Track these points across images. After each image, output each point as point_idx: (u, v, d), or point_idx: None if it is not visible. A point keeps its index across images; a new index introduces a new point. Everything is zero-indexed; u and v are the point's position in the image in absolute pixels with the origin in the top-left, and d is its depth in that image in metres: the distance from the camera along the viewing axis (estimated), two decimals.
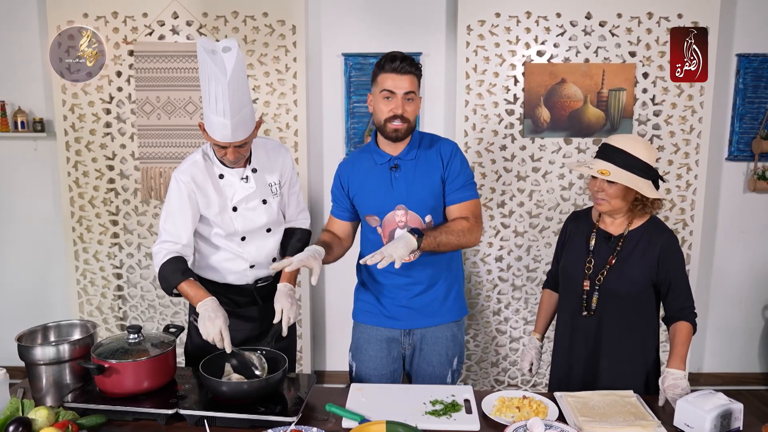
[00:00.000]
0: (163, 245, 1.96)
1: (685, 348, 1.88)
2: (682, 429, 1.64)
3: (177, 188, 1.96)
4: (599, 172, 1.87)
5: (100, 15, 3.29)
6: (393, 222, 2.06)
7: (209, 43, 1.82)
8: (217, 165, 2.01)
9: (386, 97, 1.96)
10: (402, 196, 2.04)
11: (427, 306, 2.11)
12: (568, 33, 3.25)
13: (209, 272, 2.10)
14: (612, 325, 1.96)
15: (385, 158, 2.07)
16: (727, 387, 3.63)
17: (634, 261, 1.93)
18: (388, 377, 2.15)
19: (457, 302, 2.17)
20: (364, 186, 2.09)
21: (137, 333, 1.83)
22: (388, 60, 1.96)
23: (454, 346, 2.15)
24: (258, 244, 2.08)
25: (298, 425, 1.63)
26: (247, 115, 1.88)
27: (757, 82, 3.43)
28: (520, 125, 3.33)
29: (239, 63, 1.81)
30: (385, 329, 2.14)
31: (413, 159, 2.05)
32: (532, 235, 3.42)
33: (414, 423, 1.62)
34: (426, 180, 2.04)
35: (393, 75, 1.95)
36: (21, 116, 3.48)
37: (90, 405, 1.70)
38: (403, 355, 2.18)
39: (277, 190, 2.10)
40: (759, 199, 3.58)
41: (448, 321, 2.14)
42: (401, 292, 2.10)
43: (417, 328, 2.12)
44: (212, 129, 1.86)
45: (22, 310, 3.72)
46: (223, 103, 1.79)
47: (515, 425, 1.61)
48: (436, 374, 2.14)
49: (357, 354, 2.19)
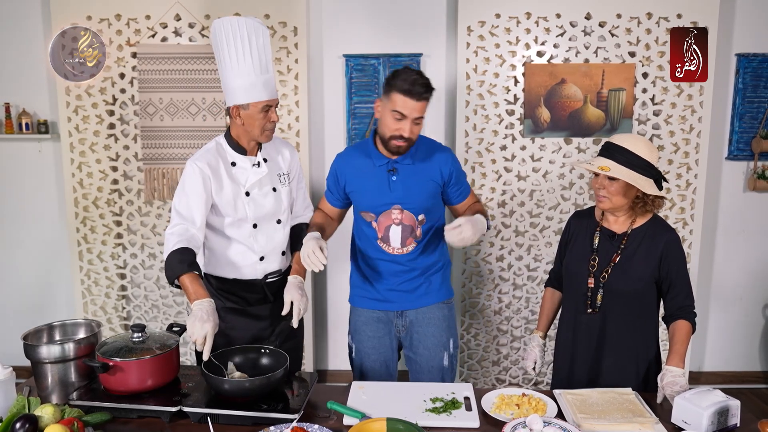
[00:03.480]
0: (174, 229, 1.96)
1: (684, 346, 1.90)
2: (679, 426, 1.66)
3: (191, 173, 2.00)
4: (600, 168, 1.89)
5: (103, 17, 3.31)
6: (389, 219, 2.17)
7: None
8: (230, 153, 2.08)
9: (396, 118, 2.00)
10: (399, 197, 2.14)
11: (416, 288, 2.24)
12: (567, 33, 3.26)
13: (219, 268, 2.13)
14: (616, 322, 1.98)
15: (383, 161, 2.15)
16: (727, 385, 3.64)
17: (637, 259, 1.95)
18: (386, 355, 2.29)
19: (444, 285, 2.31)
20: (361, 185, 2.18)
21: (141, 332, 1.85)
22: (405, 81, 1.96)
23: (447, 327, 2.28)
24: (268, 234, 2.12)
25: (300, 422, 1.64)
26: (273, 79, 2.04)
27: (757, 82, 3.44)
28: (520, 125, 3.34)
29: (262, 26, 1.99)
30: (380, 312, 2.28)
31: (410, 164, 2.14)
32: (533, 235, 3.43)
33: (414, 420, 1.63)
34: (422, 184, 2.15)
35: (407, 99, 1.97)
36: (26, 118, 3.51)
37: (95, 402, 1.72)
38: (398, 337, 2.30)
39: (285, 180, 2.18)
40: (759, 198, 3.59)
41: (436, 301, 2.27)
42: (394, 278, 2.23)
43: (408, 309, 2.25)
44: (256, 92, 1.96)
45: (26, 310, 3.75)
46: (266, 56, 1.98)
47: (514, 422, 1.63)
48: (432, 357, 2.24)
49: (356, 336, 2.33)
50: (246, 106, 1.98)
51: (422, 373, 2.26)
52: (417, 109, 1.99)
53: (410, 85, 1.95)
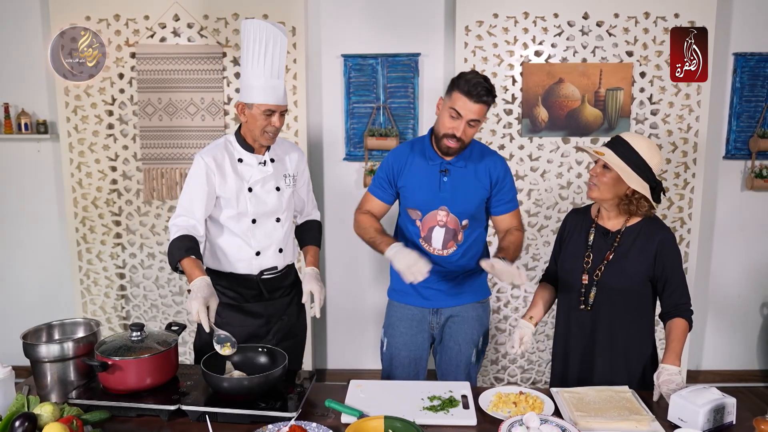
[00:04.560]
0: (176, 220, 2.05)
1: (681, 344, 1.91)
2: (675, 423, 1.67)
3: (197, 167, 2.07)
4: (595, 152, 1.94)
5: (102, 18, 3.32)
6: (434, 220, 2.20)
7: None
8: (238, 149, 2.13)
9: (452, 116, 2.04)
10: (447, 198, 2.17)
11: (453, 288, 2.26)
12: (565, 33, 3.27)
13: (216, 260, 2.17)
14: (608, 319, 1.99)
15: (436, 160, 2.18)
16: (725, 384, 3.64)
17: (631, 257, 1.96)
18: (417, 353, 2.31)
19: (481, 286, 2.34)
20: (412, 181, 2.22)
21: (140, 331, 1.86)
22: (468, 82, 2.00)
23: (479, 326, 2.31)
24: (266, 230, 2.16)
25: (298, 421, 1.65)
26: (283, 86, 2.07)
27: (754, 81, 3.45)
28: (518, 125, 3.35)
29: (281, 35, 2.04)
30: (415, 308, 2.30)
31: (463, 167, 2.18)
32: (531, 234, 3.44)
33: (412, 418, 1.64)
34: (471, 189, 2.18)
35: (466, 99, 2.00)
36: (25, 118, 3.51)
37: (94, 401, 1.73)
38: (431, 334, 2.33)
39: (290, 182, 2.21)
40: (756, 197, 3.60)
41: (472, 301, 2.29)
42: (431, 276, 2.17)
43: (445, 307, 2.28)
44: (266, 94, 2.01)
45: (26, 309, 3.76)
46: (279, 64, 2.02)
47: (511, 420, 1.64)
48: (462, 351, 2.28)
49: (389, 330, 2.35)
50: (250, 105, 2.04)
51: (450, 366, 2.30)
52: (474, 111, 2.02)
53: (471, 86, 1.99)
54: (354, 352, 3.80)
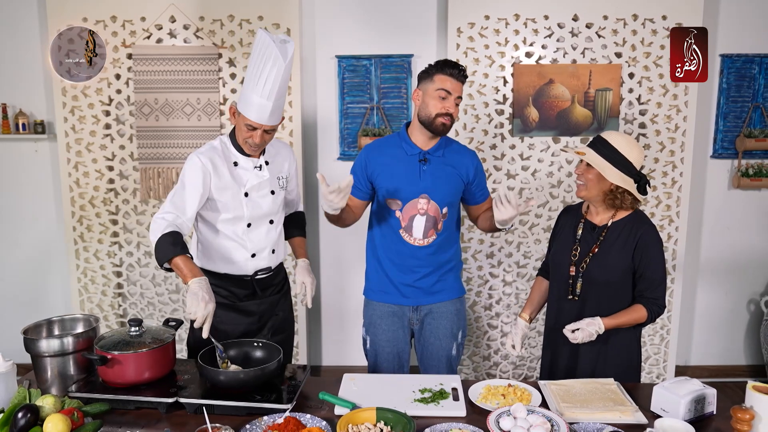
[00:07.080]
0: (165, 215, 2.00)
1: (623, 319, 2.01)
2: (658, 413, 1.73)
3: (192, 166, 2.05)
4: (576, 152, 2.04)
5: (99, 19, 3.36)
6: (414, 208, 2.27)
7: (271, 34, 2.02)
8: (233, 153, 2.14)
9: (442, 97, 2.17)
10: (428, 186, 2.25)
11: (432, 286, 2.35)
12: (555, 35, 3.32)
13: (211, 262, 2.18)
14: (593, 309, 2.06)
15: (415, 150, 2.27)
16: (713, 379, 3.70)
17: (614, 250, 2.04)
18: (399, 347, 2.38)
19: (457, 283, 2.43)
20: (390, 172, 2.28)
21: (138, 326, 1.89)
22: (448, 65, 2.18)
23: (458, 320, 2.40)
24: (261, 233, 2.19)
25: (293, 412, 1.69)
26: (283, 104, 2.09)
27: (740, 82, 3.52)
28: (509, 125, 3.41)
29: (293, 57, 2.04)
30: (395, 306, 2.37)
31: (441, 156, 2.28)
32: (522, 232, 3.50)
33: (403, 409, 1.68)
34: (450, 178, 2.28)
35: (452, 79, 2.18)
36: (22, 118, 3.55)
37: (93, 394, 1.76)
38: (411, 329, 2.41)
39: (284, 184, 2.25)
40: (743, 196, 3.67)
41: (451, 298, 2.39)
42: (411, 274, 2.31)
43: (424, 304, 2.36)
44: (249, 109, 2.02)
45: (24, 308, 3.79)
46: (272, 85, 1.99)
47: (499, 410, 1.69)
48: (442, 346, 2.35)
49: (371, 328, 2.41)
50: (239, 112, 2.07)
51: (431, 360, 2.37)
52: (459, 88, 2.19)
53: (451, 66, 2.17)
54: (348, 348, 3.84)
